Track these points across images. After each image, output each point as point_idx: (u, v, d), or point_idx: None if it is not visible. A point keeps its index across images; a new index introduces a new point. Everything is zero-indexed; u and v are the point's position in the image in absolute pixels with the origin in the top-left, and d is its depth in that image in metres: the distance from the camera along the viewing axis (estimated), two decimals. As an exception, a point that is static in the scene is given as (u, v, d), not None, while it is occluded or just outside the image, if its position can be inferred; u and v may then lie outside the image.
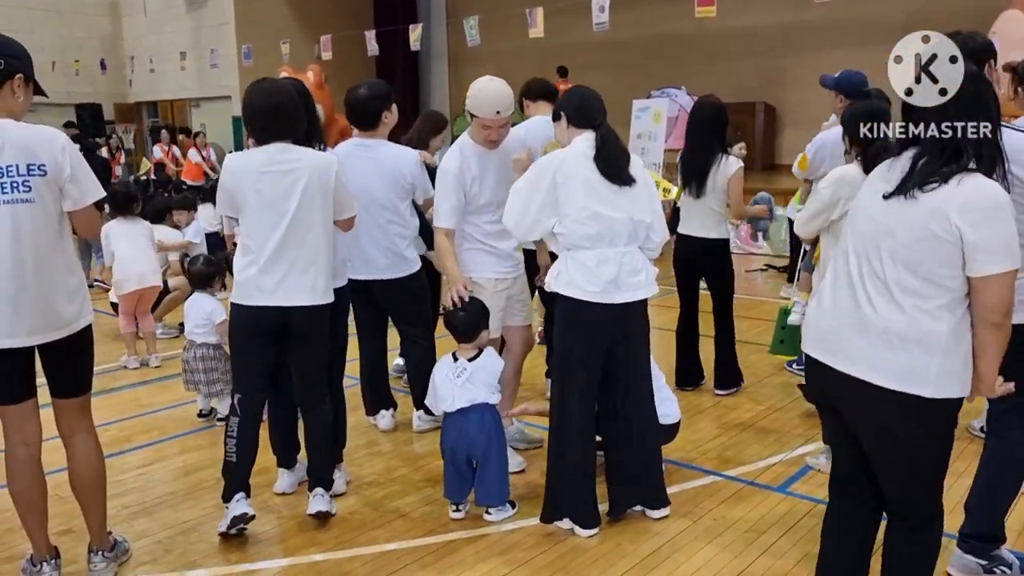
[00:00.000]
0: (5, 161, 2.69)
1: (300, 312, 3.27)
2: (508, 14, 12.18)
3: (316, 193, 3.24)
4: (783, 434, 4.49)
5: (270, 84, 3.36)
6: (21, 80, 2.78)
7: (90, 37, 17.08)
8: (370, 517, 3.59)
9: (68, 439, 3.03)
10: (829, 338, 2.34)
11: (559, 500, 3.40)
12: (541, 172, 3.28)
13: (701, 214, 4.94)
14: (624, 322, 3.33)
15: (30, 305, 2.78)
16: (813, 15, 11.33)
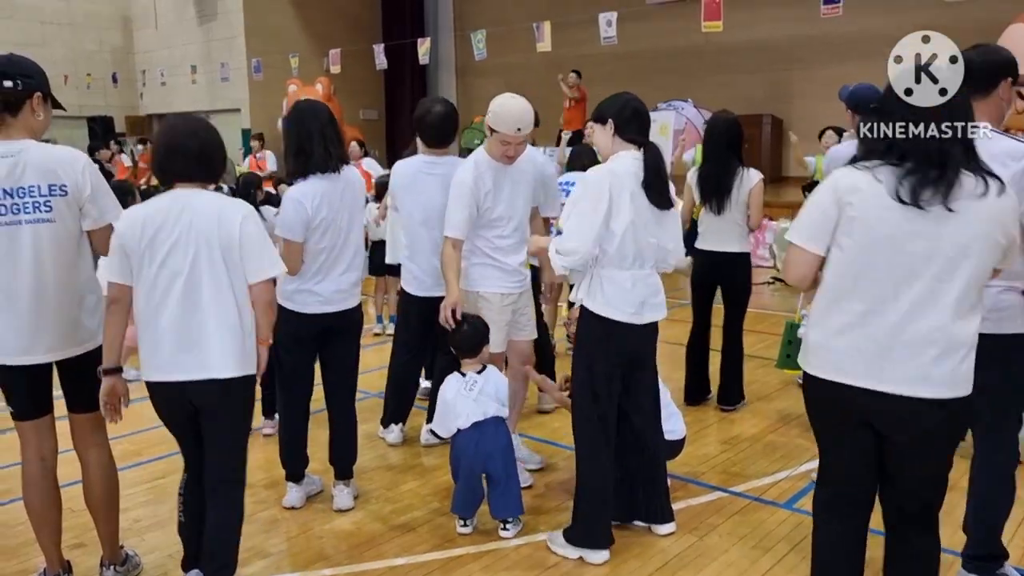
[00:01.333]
0: (27, 182, 2.75)
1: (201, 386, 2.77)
2: (516, 28, 12.25)
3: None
4: (789, 449, 4.50)
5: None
6: (40, 98, 2.83)
7: (102, 51, 17.22)
8: (378, 531, 3.62)
9: (83, 453, 3.07)
10: (870, 362, 2.28)
11: (587, 525, 3.36)
12: (599, 187, 3.19)
13: (723, 229, 4.96)
14: (646, 341, 3.42)
15: (50, 322, 2.84)
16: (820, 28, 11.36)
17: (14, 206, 2.74)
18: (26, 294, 2.80)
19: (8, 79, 2.74)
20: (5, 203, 2.74)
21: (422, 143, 4.27)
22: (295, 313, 3.61)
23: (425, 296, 4.21)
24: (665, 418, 3.92)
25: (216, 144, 2.83)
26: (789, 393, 5.43)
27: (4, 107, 2.74)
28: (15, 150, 2.75)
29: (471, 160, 3.80)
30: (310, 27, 15.95)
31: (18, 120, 2.78)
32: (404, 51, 14.20)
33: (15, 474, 4.23)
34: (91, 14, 17.16)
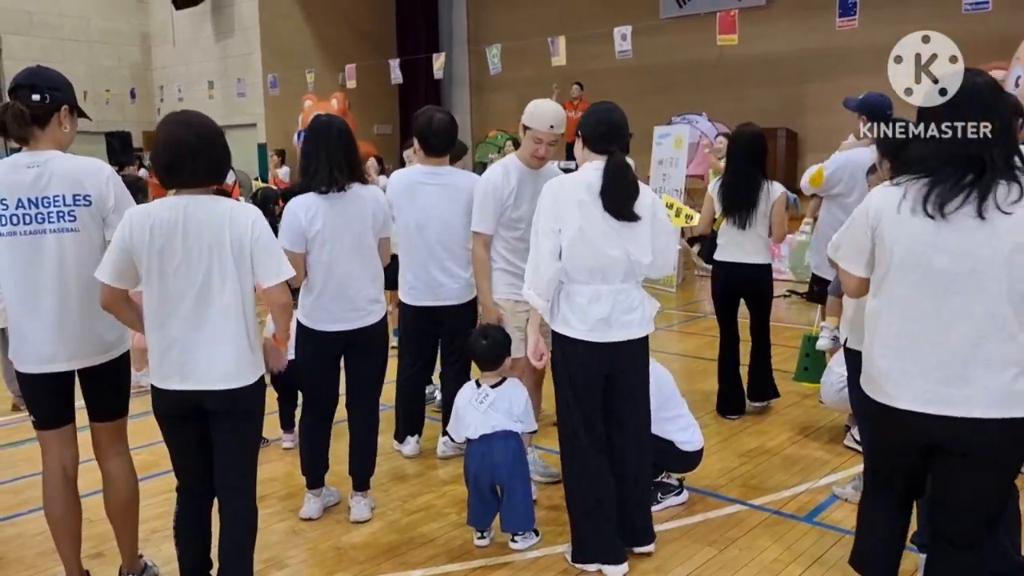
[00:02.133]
0: (52, 191, 2.78)
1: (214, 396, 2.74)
2: (530, 42, 12.30)
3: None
4: (809, 462, 4.45)
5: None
6: (67, 111, 2.87)
7: (120, 67, 17.42)
8: (396, 543, 3.61)
9: (104, 462, 3.08)
10: (936, 388, 2.24)
11: (584, 539, 3.33)
12: (546, 203, 3.19)
13: (747, 241, 4.96)
14: (616, 359, 3.23)
15: (74, 331, 2.86)
16: (834, 41, 11.35)
17: (38, 215, 2.77)
18: (50, 302, 2.83)
19: (36, 92, 2.78)
20: (30, 212, 2.77)
21: (422, 152, 4.28)
22: (313, 331, 3.64)
23: (420, 305, 4.25)
24: (681, 429, 3.90)
25: (216, 136, 2.74)
26: (807, 405, 5.39)
27: (32, 120, 2.77)
28: (41, 160, 2.78)
29: (500, 163, 3.95)
30: (325, 43, 16.07)
31: (46, 132, 2.82)
32: (418, 66, 14.29)
33: (33, 484, 4.26)
34: (109, 31, 17.37)
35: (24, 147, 2.82)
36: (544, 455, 4.39)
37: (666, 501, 3.93)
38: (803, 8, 12.25)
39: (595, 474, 3.29)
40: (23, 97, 2.77)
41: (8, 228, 2.77)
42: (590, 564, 3.32)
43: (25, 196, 2.76)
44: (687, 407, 4.01)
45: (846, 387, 4.13)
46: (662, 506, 3.90)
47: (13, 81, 2.82)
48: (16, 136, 2.78)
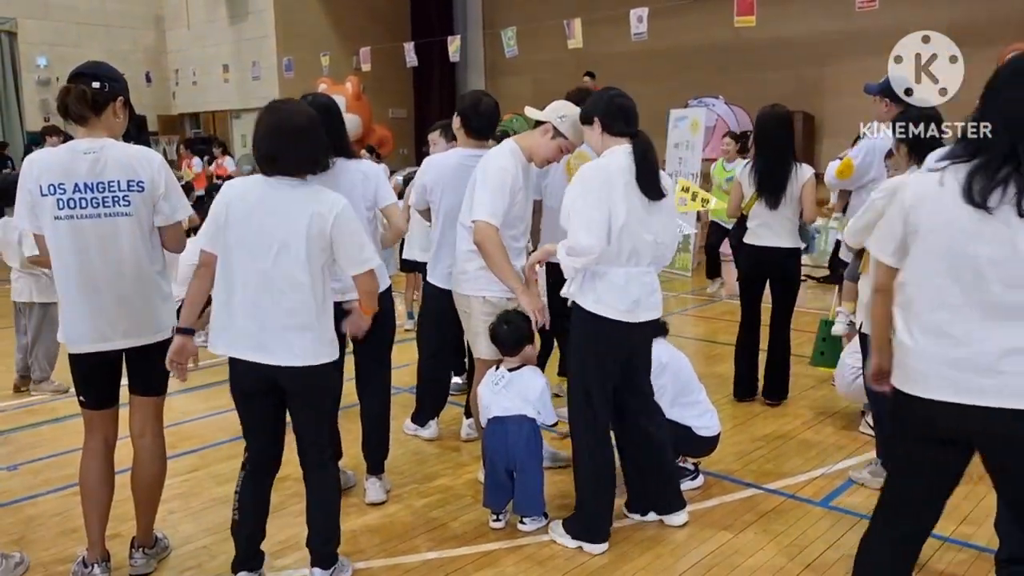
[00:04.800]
0: (108, 177, 2.91)
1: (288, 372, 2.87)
2: (545, 25, 12.21)
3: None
4: (825, 447, 4.44)
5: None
6: (121, 102, 3.00)
7: (135, 50, 17.43)
8: (412, 525, 3.62)
9: (138, 439, 3.18)
10: (972, 376, 2.17)
11: (586, 516, 3.39)
12: (593, 182, 3.19)
13: (777, 224, 4.94)
14: (640, 339, 3.38)
15: (127, 311, 2.99)
16: (852, 24, 11.21)
17: (94, 200, 2.90)
18: (106, 283, 2.96)
19: (96, 80, 2.91)
20: (86, 196, 2.90)
21: (466, 135, 4.14)
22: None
23: (448, 289, 4.15)
24: (699, 414, 3.90)
25: (316, 126, 2.88)
26: (823, 391, 5.36)
27: (91, 106, 2.90)
28: (97, 147, 2.91)
29: (507, 150, 3.66)
30: (339, 26, 16.02)
31: (101, 120, 2.94)
32: (433, 49, 14.23)
33: (51, 466, 4.33)
34: (124, 14, 17.39)
35: (81, 128, 2.94)
36: (552, 440, 4.38)
37: (682, 485, 3.91)
38: (823, -12, 12.11)
39: (605, 452, 3.37)
40: (84, 83, 2.90)
41: (66, 212, 2.89)
42: (573, 540, 3.38)
43: (82, 181, 2.89)
44: (705, 393, 4.00)
45: (860, 377, 4.11)
46: (677, 490, 3.90)
47: (75, 70, 2.97)
48: (76, 116, 2.91)
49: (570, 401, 3.42)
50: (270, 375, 2.85)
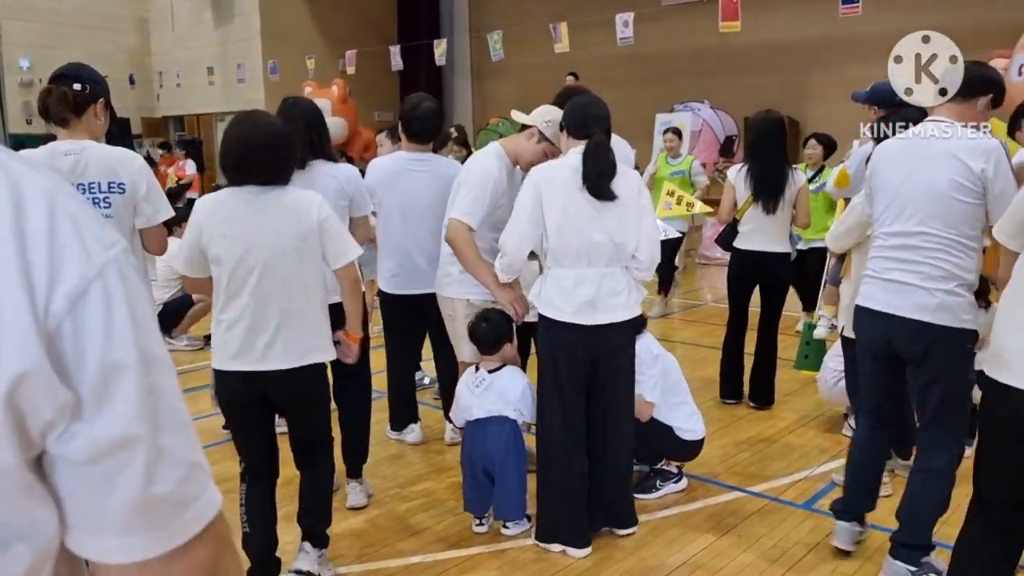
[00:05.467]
0: (88, 178, 2.90)
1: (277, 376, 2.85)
2: (532, 28, 12.24)
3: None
4: (808, 450, 4.45)
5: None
6: (103, 104, 3.00)
7: (119, 52, 17.30)
8: (394, 530, 3.60)
9: None
10: None
11: (548, 520, 3.38)
12: (528, 182, 3.25)
13: (772, 228, 4.96)
14: (603, 342, 3.27)
15: None
16: (837, 30, 11.29)
17: None
18: None
19: (78, 82, 2.92)
20: None
21: (406, 139, 4.19)
22: None
23: (403, 294, 4.19)
24: (685, 418, 3.90)
25: (284, 139, 2.83)
26: (806, 394, 5.38)
27: (72, 108, 2.90)
28: (78, 148, 2.91)
29: (492, 153, 3.67)
30: (326, 28, 15.99)
31: (81, 121, 2.95)
32: (420, 53, 14.22)
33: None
34: (108, 16, 17.26)
35: (62, 129, 2.93)
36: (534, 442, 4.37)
37: (665, 488, 3.93)
38: (807, -6, 12.20)
39: (566, 459, 3.32)
40: (65, 84, 2.90)
41: None
42: (554, 544, 3.36)
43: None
44: (691, 396, 4.00)
45: (842, 380, 4.13)
46: (661, 493, 3.90)
47: (56, 71, 2.96)
48: (56, 118, 2.91)
49: (538, 407, 3.42)
50: (264, 382, 2.82)
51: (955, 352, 2.92)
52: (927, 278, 2.87)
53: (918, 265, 2.89)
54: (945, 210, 2.84)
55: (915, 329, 2.90)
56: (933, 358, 2.92)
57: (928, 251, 2.87)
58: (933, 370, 2.94)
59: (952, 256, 2.85)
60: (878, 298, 3.02)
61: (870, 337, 3.11)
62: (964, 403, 3.05)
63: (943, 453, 3.01)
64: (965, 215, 2.83)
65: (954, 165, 2.81)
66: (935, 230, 2.86)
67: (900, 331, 2.94)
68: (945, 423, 3.00)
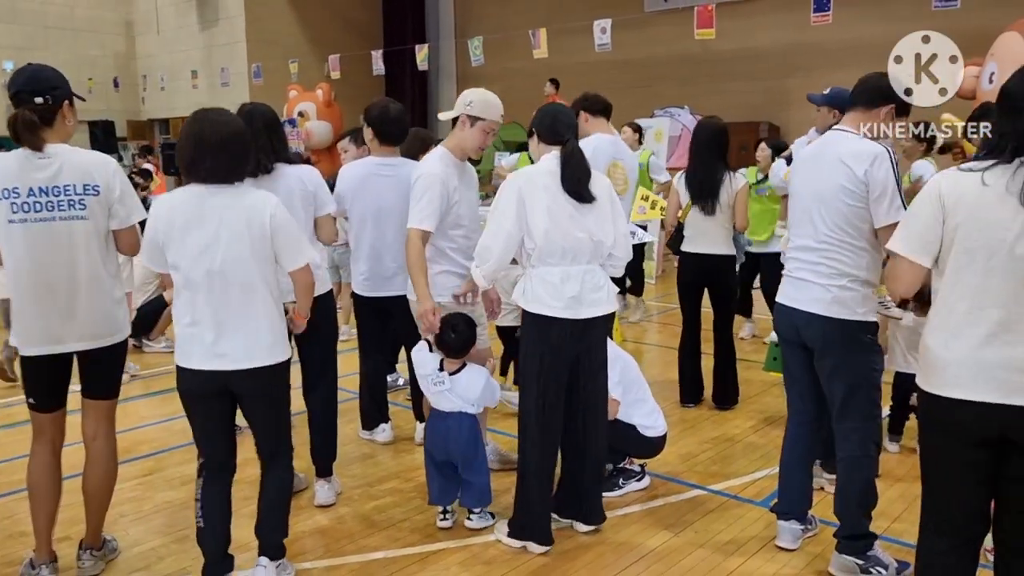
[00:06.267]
0: (63, 181, 2.92)
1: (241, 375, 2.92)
2: (513, 35, 12.33)
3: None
4: (769, 449, 4.54)
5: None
6: (68, 106, 3.00)
7: (104, 55, 17.35)
8: (359, 527, 3.68)
9: (90, 441, 3.21)
10: (1010, 376, 2.17)
11: (520, 518, 3.48)
12: (510, 188, 3.36)
13: (712, 231, 5.09)
14: (587, 335, 3.41)
15: (83, 314, 3.02)
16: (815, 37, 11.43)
17: (49, 203, 2.92)
18: (62, 286, 2.98)
19: (38, 95, 2.90)
20: (41, 200, 2.91)
21: (379, 142, 4.25)
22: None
23: (375, 296, 4.27)
24: (646, 414, 3.99)
25: (237, 136, 2.89)
26: (773, 395, 5.48)
27: (41, 120, 2.90)
28: (52, 153, 2.92)
29: (436, 154, 3.73)
30: (311, 33, 16.05)
31: (54, 129, 2.96)
32: (405, 57, 14.30)
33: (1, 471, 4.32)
34: (93, 19, 17.29)
35: (36, 151, 2.91)
36: (503, 441, 4.46)
37: (628, 486, 4.02)
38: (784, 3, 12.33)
39: (547, 454, 3.43)
40: (26, 102, 2.89)
41: (20, 215, 2.90)
42: (518, 540, 3.46)
43: (37, 186, 2.90)
44: (650, 393, 4.09)
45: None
46: (624, 491, 3.99)
47: (12, 87, 2.93)
48: (30, 143, 2.89)
49: (520, 404, 3.50)
50: (224, 379, 2.89)
51: (852, 342, 3.12)
52: (821, 275, 3.12)
53: (816, 265, 3.15)
54: (835, 213, 3.08)
55: (813, 320, 3.15)
56: (831, 347, 3.15)
57: (823, 251, 3.12)
58: (833, 359, 3.16)
59: (843, 255, 3.08)
60: (787, 293, 3.29)
61: (784, 328, 3.34)
62: (870, 392, 3.19)
63: (858, 440, 3.16)
64: (853, 217, 3.05)
65: (842, 170, 3.03)
66: (829, 231, 3.10)
67: (804, 323, 3.19)
68: (854, 412, 3.16)
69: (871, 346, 3.17)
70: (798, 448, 3.39)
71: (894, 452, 4.44)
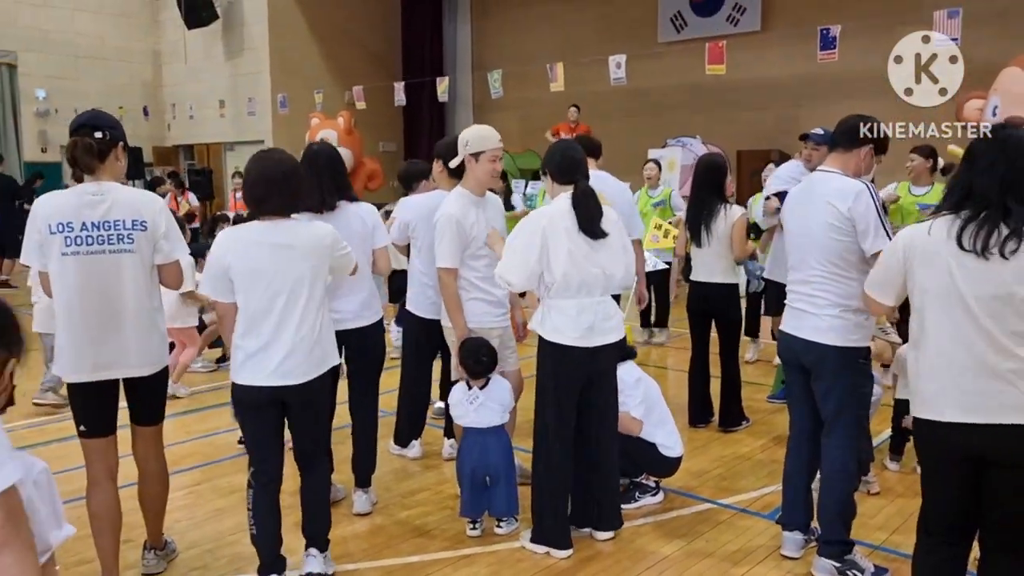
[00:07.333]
0: (114, 216, 3.17)
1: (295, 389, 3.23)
2: (530, 68, 12.71)
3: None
4: (778, 466, 4.72)
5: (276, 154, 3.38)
6: (121, 147, 3.28)
7: (132, 84, 17.86)
8: (396, 533, 3.99)
9: (143, 462, 3.47)
10: (976, 397, 2.45)
11: (540, 526, 3.77)
12: (533, 227, 3.65)
13: (710, 261, 5.40)
14: (598, 360, 3.73)
15: (127, 343, 3.22)
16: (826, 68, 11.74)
17: (100, 237, 3.15)
18: (110, 315, 3.18)
19: (98, 130, 3.18)
20: (93, 234, 3.14)
21: (446, 173, 4.48)
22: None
23: (430, 318, 4.54)
24: (667, 434, 4.28)
25: (295, 173, 3.26)
26: (782, 416, 5.72)
27: (97, 155, 3.17)
28: (104, 189, 3.18)
29: (454, 195, 4.09)
30: (332, 63, 16.51)
31: (105, 165, 3.21)
32: (423, 87, 14.74)
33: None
34: (123, 49, 17.82)
35: (89, 176, 3.20)
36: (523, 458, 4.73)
37: (643, 499, 4.30)
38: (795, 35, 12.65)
39: (562, 467, 3.74)
40: (87, 134, 3.17)
41: (73, 248, 3.12)
42: (541, 547, 3.75)
43: (91, 220, 3.13)
44: (671, 417, 4.38)
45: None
46: (639, 504, 4.27)
47: (75, 122, 3.22)
48: (85, 166, 3.17)
49: (537, 422, 3.80)
50: (279, 393, 3.21)
51: (845, 367, 3.42)
52: (817, 306, 3.43)
53: (812, 296, 3.46)
54: (825, 248, 3.40)
55: (810, 347, 3.46)
56: (825, 370, 3.45)
57: (816, 284, 3.43)
58: (827, 381, 3.46)
59: (835, 287, 3.39)
60: (788, 322, 3.61)
61: (786, 353, 3.65)
62: (856, 412, 3.51)
63: (840, 455, 3.46)
64: (842, 250, 3.36)
65: (828, 209, 3.35)
66: (820, 265, 3.41)
67: (803, 349, 3.50)
68: (841, 429, 3.46)
69: (862, 370, 3.49)
70: (799, 463, 3.67)
71: (894, 471, 4.69)
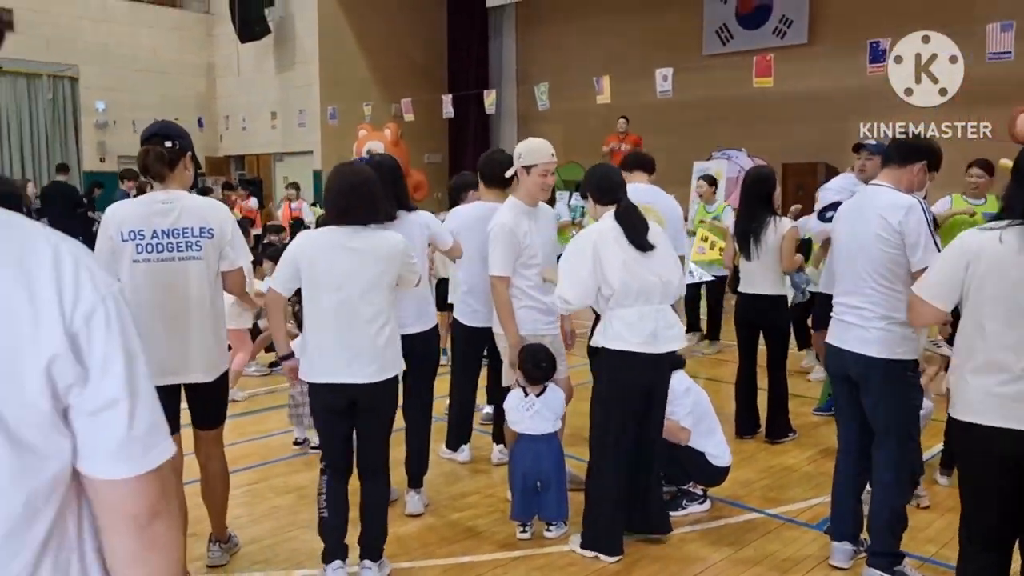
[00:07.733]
0: (183, 224, 3.29)
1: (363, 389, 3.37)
2: (576, 78, 12.81)
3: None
4: (825, 478, 4.77)
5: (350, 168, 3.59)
6: (189, 157, 3.41)
7: (187, 96, 18.36)
8: (448, 534, 4.09)
9: (205, 463, 3.62)
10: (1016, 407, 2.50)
11: (594, 531, 3.83)
12: (583, 244, 3.77)
13: (757, 273, 5.44)
14: (660, 367, 3.83)
15: (194, 347, 3.34)
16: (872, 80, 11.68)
17: (169, 244, 3.28)
18: (177, 321, 3.28)
19: (168, 140, 3.31)
20: (163, 242, 3.26)
21: (488, 187, 4.69)
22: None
23: (480, 327, 4.68)
24: (716, 443, 4.35)
25: (375, 186, 3.40)
26: (829, 428, 5.73)
27: (167, 164, 3.30)
28: (173, 198, 3.31)
29: (507, 206, 4.24)
30: (379, 76, 16.81)
31: (174, 174, 3.34)
32: (469, 100, 14.94)
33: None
34: (178, 63, 18.35)
35: (159, 184, 3.33)
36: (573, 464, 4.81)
37: (690, 507, 4.35)
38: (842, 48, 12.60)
39: (619, 476, 3.80)
40: (158, 143, 3.30)
41: (144, 255, 3.23)
42: (590, 552, 3.81)
43: (161, 228, 3.25)
44: (720, 426, 4.43)
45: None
46: (687, 511, 4.32)
47: (147, 132, 3.36)
48: (155, 174, 3.29)
49: (592, 428, 3.89)
50: (352, 393, 3.35)
51: (893, 379, 3.44)
52: (864, 318, 3.45)
53: (859, 309, 3.48)
54: (874, 260, 3.42)
55: (858, 359, 3.48)
56: (873, 383, 3.47)
57: (864, 296, 3.45)
58: (875, 394, 3.48)
59: (882, 299, 3.40)
60: (836, 335, 3.63)
61: (833, 365, 3.68)
62: (908, 426, 3.52)
63: (891, 467, 3.48)
64: (890, 263, 3.39)
65: (879, 222, 3.39)
66: (869, 277, 3.43)
67: (850, 361, 3.52)
68: (892, 442, 3.48)
69: (910, 382, 3.50)
70: (848, 475, 3.70)
71: (944, 485, 4.68)
